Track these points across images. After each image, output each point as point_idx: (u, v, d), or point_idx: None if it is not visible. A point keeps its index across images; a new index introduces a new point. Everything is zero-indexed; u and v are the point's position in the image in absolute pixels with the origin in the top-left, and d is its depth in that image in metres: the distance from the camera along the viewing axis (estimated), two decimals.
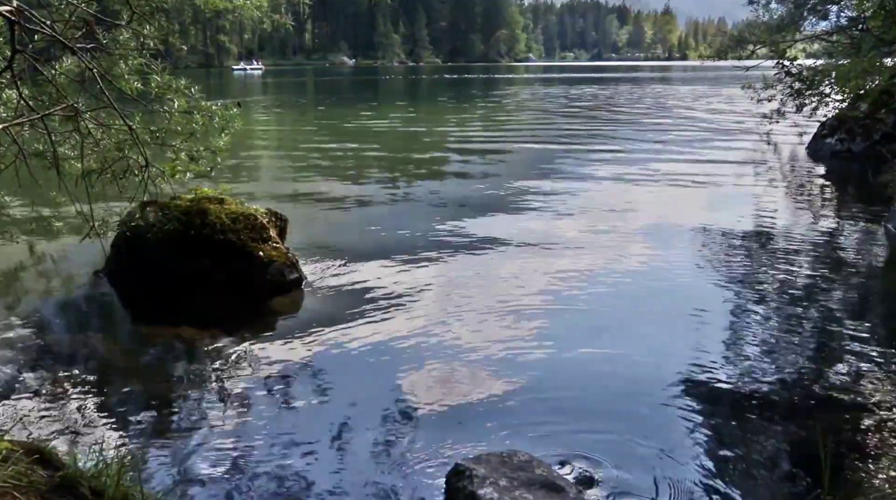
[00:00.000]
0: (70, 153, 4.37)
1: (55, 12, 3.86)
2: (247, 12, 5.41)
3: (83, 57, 3.79)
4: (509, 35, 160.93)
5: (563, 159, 13.67)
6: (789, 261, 6.74)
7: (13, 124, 3.71)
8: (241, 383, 4.22)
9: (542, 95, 37.38)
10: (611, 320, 5.31)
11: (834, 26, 14.82)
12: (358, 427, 3.69)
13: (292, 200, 9.60)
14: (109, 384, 4.21)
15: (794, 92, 14.85)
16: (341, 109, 28.25)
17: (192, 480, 3.23)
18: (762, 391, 4.12)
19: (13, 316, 5.29)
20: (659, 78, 63.35)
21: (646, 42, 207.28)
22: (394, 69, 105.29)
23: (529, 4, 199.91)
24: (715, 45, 21.15)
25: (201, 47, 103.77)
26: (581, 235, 7.67)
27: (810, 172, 12.56)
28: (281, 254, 5.95)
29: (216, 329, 5.08)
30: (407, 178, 12.12)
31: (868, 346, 4.73)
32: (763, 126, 16.55)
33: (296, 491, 3.16)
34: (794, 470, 3.37)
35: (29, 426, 3.65)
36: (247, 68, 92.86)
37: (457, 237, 7.52)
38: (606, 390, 4.15)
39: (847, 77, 10.84)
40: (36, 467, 2.21)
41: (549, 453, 3.38)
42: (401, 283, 6.02)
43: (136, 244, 5.76)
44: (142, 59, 4.32)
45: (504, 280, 6.09)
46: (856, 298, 5.80)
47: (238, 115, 4.86)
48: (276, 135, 19.53)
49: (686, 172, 11.88)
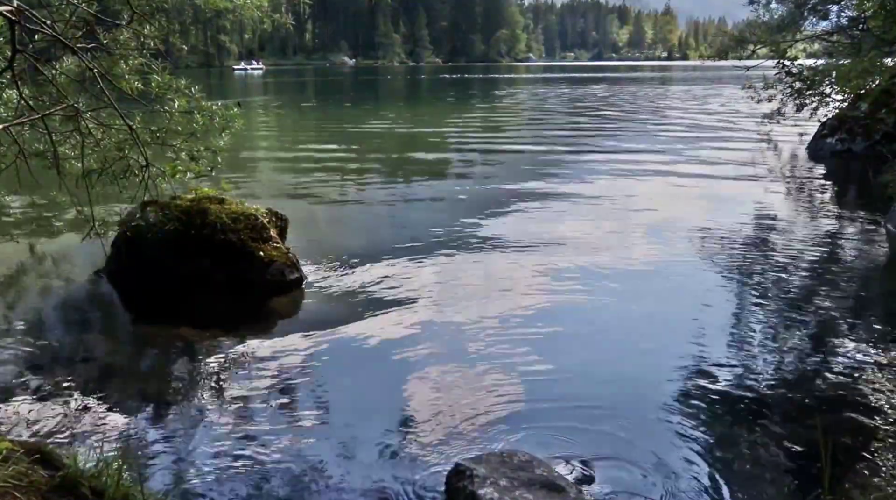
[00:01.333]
0: (70, 153, 4.38)
1: (55, 12, 3.87)
2: (247, 12, 5.41)
3: (83, 57, 3.79)
4: (510, 35, 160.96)
5: (564, 159, 13.67)
6: (790, 261, 6.74)
7: (14, 124, 3.71)
8: (241, 383, 4.22)
9: (543, 95, 37.38)
10: (611, 320, 5.31)
11: (834, 26, 14.81)
12: (358, 427, 3.69)
13: (293, 200, 9.60)
14: (109, 384, 4.21)
15: (794, 92, 14.83)
16: (342, 109, 28.26)
17: (192, 480, 3.23)
18: (762, 391, 4.12)
19: (13, 316, 5.30)
20: (659, 78, 63.34)
21: (646, 42, 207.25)
22: (394, 69, 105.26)
23: (530, 4, 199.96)
24: (715, 45, 21.11)
25: (202, 47, 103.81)
26: (581, 236, 7.66)
27: (811, 172, 12.55)
28: (281, 254, 5.95)
29: (216, 329, 5.08)
30: (407, 178, 12.12)
31: (868, 346, 4.73)
32: (763, 126, 16.55)
33: (296, 491, 3.16)
34: (795, 470, 3.37)
35: (29, 426, 3.65)
36: (247, 68, 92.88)
37: (457, 237, 7.51)
38: (606, 390, 4.15)
39: (847, 77, 10.82)
40: (36, 467, 2.22)
41: (549, 453, 3.38)
42: (401, 283, 6.02)
43: (136, 244, 5.76)
44: (142, 59, 4.32)
45: (504, 280, 6.08)
46: (856, 298, 5.80)
47: (238, 114, 4.86)
48: (277, 135, 19.53)
49: (686, 171, 11.88)
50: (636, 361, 4.55)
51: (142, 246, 5.72)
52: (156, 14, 4.23)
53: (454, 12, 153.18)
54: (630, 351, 4.70)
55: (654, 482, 3.22)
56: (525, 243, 7.29)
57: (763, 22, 15.15)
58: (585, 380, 4.27)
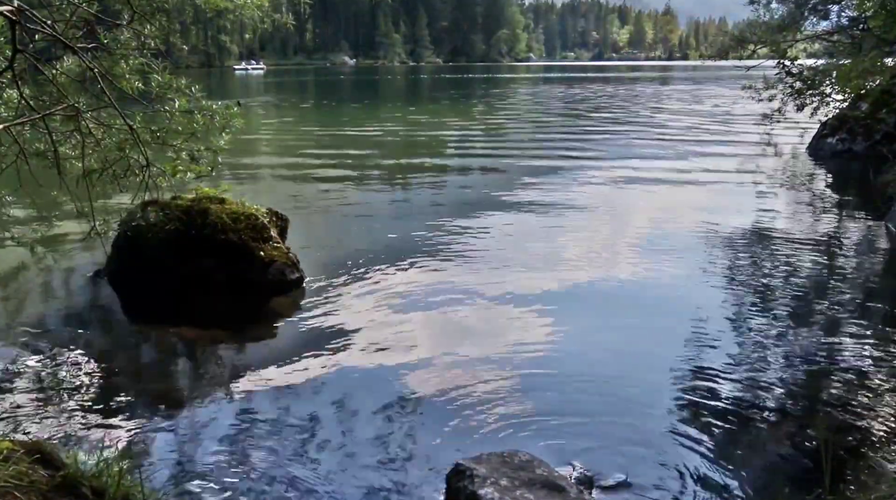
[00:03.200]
0: (71, 153, 4.37)
1: (56, 12, 3.86)
2: (248, 12, 5.41)
3: (84, 57, 3.79)
4: (510, 35, 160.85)
5: (565, 159, 13.66)
6: (790, 261, 6.74)
7: (14, 124, 3.71)
8: (241, 383, 4.22)
9: (543, 95, 37.36)
10: (611, 320, 5.30)
11: (835, 26, 14.82)
12: (358, 427, 3.69)
13: (293, 200, 9.59)
14: (110, 384, 4.21)
15: (794, 92, 14.84)
16: (342, 109, 28.25)
17: (192, 480, 3.23)
18: (763, 392, 4.11)
19: (14, 316, 5.30)
20: (659, 78, 63.31)
21: (647, 42, 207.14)
22: (395, 69, 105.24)
23: (530, 4, 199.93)
24: (716, 44, 21.11)
25: (202, 47, 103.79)
26: (581, 236, 7.66)
27: (811, 172, 12.54)
28: (282, 254, 5.95)
29: (217, 329, 5.09)
30: (408, 178, 12.12)
31: (869, 346, 4.72)
32: (764, 126, 16.54)
33: (296, 491, 3.16)
34: (796, 471, 3.37)
35: (30, 426, 3.65)
36: (248, 68, 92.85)
37: (458, 238, 7.51)
38: (607, 390, 4.14)
39: (848, 77, 10.84)
40: (37, 466, 2.21)
41: (549, 453, 3.38)
42: (401, 283, 6.02)
43: (136, 244, 5.76)
44: (143, 59, 4.31)
45: (504, 281, 6.08)
46: (857, 298, 5.79)
47: (238, 114, 4.86)
48: (278, 135, 19.53)
49: (686, 172, 11.88)
50: (636, 361, 4.54)
51: (142, 246, 5.72)
52: (156, 14, 4.22)
53: (455, 12, 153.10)
54: (630, 351, 4.70)
55: (655, 483, 3.22)
56: (525, 243, 7.29)
57: (763, 22, 15.16)
58: (585, 381, 4.26)
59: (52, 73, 4.00)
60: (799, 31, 14.87)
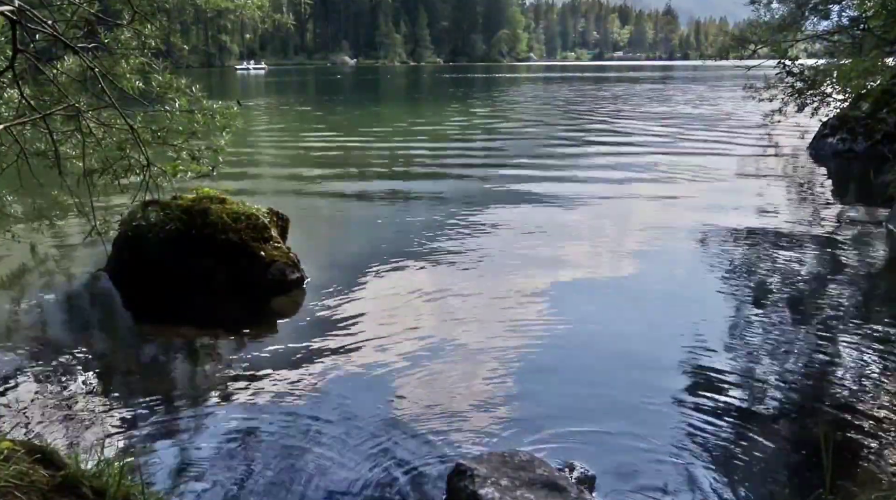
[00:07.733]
0: (72, 153, 4.38)
1: (57, 12, 3.87)
2: (248, 12, 5.41)
3: (85, 57, 3.80)
4: (511, 35, 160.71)
5: (565, 159, 13.67)
6: (791, 261, 6.74)
7: (15, 124, 3.72)
8: (241, 383, 4.22)
9: (543, 95, 37.35)
10: (612, 320, 5.30)
11: (835, 26, 14.79)
12: (359, 427, 3.69)
13: (294, 200, 9.60)
14: (110, 384, 4.21)
15: (795, 92, 14.83)
16: (343, 109, 28.24)
17: (193, 479, 3.23)
18: (764, 391, 4.11)
19: (15, 315, 5.30)
20: (660, 77, 63.27)
21: (647, 42, 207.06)
22: (395, 69, 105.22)
23: (531, 4, 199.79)
24: (716, 44, 21.11)
25: (203, 47, 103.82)
26: (581, 236, 7.66)
27: (812, 171, 12.54)
28: (282, 253, 5.95)
29: (217, 329, 5.09)
30: (409, 179, 12.12)
31: (870, 346, 4.72)
32: (765, 126, 16.53)
33: (297, 491, 3.16)
34: (796, 470, 3.37)
35: (30, 426, 3.66)
36: (250, 68, 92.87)
37: (458, 238, 7.51)
38: (607, 390, 4.14)
39: (849, 77, 10.82)
40: (37, 466, 2.21)
41: (550, 453, 3.38)
42: (402, 283, 6.02)
43: (137, 244, 5.76)
44: (143, 59, 4.32)
45: (505, 282, 6.08)
46: (858, 298, 5.79)
47: (239, 113, 4.86)
48: (279, 135, 19.53)
49: (687, 171, 11.87)
50: (637, 360, 4.54)
51: (143, 246, 5.73)
52: (157, 14, 4.23)
53: (455, 12, 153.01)
54: (630, 351, 4.69)
55: (656, 482, 3.22)
56: (526, 243, 7.29)
57: (764, 22, 15.15)
58: (585, 382, 4.27)
59: (52, 73, 4.01)
60: (799, 30, 14.85)
